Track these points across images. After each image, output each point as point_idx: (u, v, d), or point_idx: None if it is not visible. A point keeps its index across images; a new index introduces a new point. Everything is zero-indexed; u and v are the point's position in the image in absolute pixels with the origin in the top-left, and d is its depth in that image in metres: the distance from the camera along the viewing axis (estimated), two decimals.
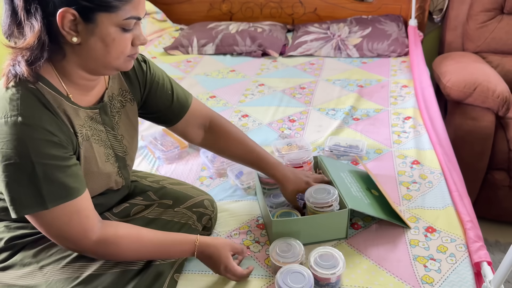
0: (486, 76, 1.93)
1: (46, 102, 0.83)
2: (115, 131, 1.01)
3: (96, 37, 0.81)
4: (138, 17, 0.84)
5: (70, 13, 0.77)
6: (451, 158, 1.47)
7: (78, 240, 0.88)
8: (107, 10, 0.79)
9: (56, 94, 0.86)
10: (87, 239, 0.88)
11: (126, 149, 1.05)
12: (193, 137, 1.20)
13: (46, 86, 0.84)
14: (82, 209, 0.87)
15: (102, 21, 0.80)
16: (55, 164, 0.82)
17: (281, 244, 1.07)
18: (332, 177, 1.22)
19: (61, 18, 0.77)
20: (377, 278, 1.03)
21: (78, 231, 0.87)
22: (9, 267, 0.95)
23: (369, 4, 2.70)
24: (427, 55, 2.43)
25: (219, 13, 2.86)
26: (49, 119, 0.83)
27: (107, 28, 0.81)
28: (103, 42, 0.82)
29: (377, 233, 1.16)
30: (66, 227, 0.86)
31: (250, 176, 1.37)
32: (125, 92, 1.05)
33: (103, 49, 0.83)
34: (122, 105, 1.04)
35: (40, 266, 0.94)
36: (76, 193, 0.85)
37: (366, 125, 1.70)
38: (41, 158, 0.80)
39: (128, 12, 0.81)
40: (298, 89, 2.03)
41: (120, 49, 0.85)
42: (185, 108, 1.14)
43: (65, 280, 0.92)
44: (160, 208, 1.12)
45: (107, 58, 0.85)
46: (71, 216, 0.85)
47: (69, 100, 0.88)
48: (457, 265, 1.06)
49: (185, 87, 2.06)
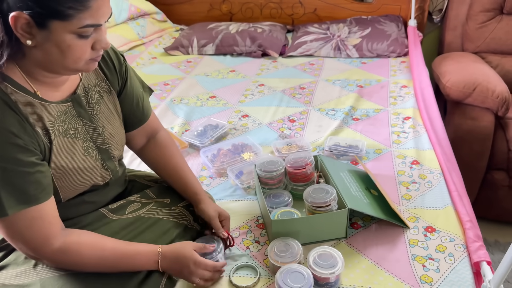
0: (485, 76, 1.93)
1: (10, 102, 0.82)
2: (94, 123, 0.99)
3: (51, 42, 0.79)
4: (97, 24, 0.81)
5: (23, 17, 0.76)
6: (450, 158, 1.47)
7: (39, 247, 0.87)
8: (60, 18, 0.77)
9: (21, 93, 0.84)
10: (47, 247, 0.87)
11: (108, 140, 1.02)
12: (134, 144, 1.18)
13: (10, 85, 0.83)
14: (44, 216, 0.86)
15: (55, 28, 0.78)
16: (17, 169, 0.81)
17: (279, 244, 1.07)
18: (332, 177, 1.22)
19: (14, 21, 0.76)
20: (376, 277, 1.03)
21: (39, 237, 0.86)
22: (3, 267, 0.96)
23: (368, 4, 2.71)
24: (427, 55, 2.44)
25: (219, 13, 2.86)
26: (14, 120, 0.81)
27: (61, 35, 0.79)
28: (58, 48, 0.80)
29: (376, 232, 1.17)
30: (27, 233, 0.84)
31: (250, 176, 1.37)
32: (102, 82, 1.02)
33: (59, 54, 0.81)
34: (100, 96, 1.01)
35: (33, 265, 0.94)
36: (36, 200, 0.84)
37: (365, 125, 1.71)
38: (3, 161, 0.79)
39: (85, 20, 0.79)
40: (298, 89, 2.04)
41: (77, 55, 0.82)
42: (145, 117, 1.14)
43: (59, 277, 0.92)
44: (157, 207, 1.10)
45: (64, 63, 0.83)
46: (32, 222, 0.84)
47: (36, 97, 0.87)
48: (456, 265, 1.06)
49: (185, 88, 2.10)
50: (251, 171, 1.38)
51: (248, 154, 1.49)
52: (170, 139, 1.21)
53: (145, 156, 1.20)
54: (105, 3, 0.81)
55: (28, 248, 0.87)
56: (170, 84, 2.16)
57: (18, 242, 0.87)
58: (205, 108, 1.90)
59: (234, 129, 1.72)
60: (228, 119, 1.80)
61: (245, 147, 1.54)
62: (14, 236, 0.86)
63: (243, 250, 1.13)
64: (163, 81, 2.18)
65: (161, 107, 1.91)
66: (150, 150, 1.18)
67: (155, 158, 1.18)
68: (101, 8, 0.80)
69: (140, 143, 1.18)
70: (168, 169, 1.17)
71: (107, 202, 1.08)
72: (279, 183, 1.31)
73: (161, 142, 1.19)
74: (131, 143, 1.17)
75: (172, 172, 1.16)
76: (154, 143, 1.19)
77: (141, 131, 1.15)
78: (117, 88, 1.06)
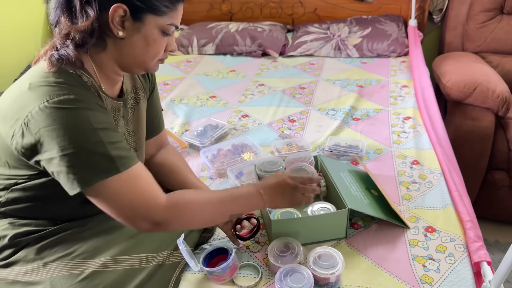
0: (486, 76, 1.93)
1: (86, 86, 0.88)
2: (128, 126, 1.05)
3: (140, 35, 0.87)
4: (177, 26, 0.92)
5: (122, 9, 0.83)
6: (451, 158, 1.47)
7: (149, 206, 0.86)
8: (155, 13, 0.86)
9: (90, 83, 0.90)
10: (157, 204, 0.87)
11: (137, 145, 1.08)
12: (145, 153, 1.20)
13: (85, 73, 0.89)
14: (144, 175, 0.89)
15: (149, 22, 0.87)
16: (114, 128, 0.87)
17: (280, 244, 1.07)
18: (332, 177, 1.22)
19: (113, 12, 0.83)
20: (376, 278, 1.03)
21: (147, 195, 0.86)
22: (12, 264, 0.96)
23: (369, 4, 2.70)
24: (427, 55, 2.44)
25: (219, 13, 2.86)
26: (93, 96, 0.89)
27: (152, 29, 0.88)
28: (145, 40, 0.88)
29: (376, 233, 1.17)
30: (135, 193, 0.85)
31: (250, 176, 1.37)
32: (138, 89, 1.10)
33: (143, 48, 0.89)
34: (136, 102, 1.09)
35: (43, 263, 0.94)
36: (136, 158, 0.88)
37: (366, 125, 1.71)
38: (101, 124, 0.84)
39: (172, 18, 0.89)
40: (298, 89, 2.04)
41: (157, 50, 0.91)
42: (160, 128, 1.23)
43: (69, 276, 0.92)
44: None
45: (144, 57, 0.91)
46: (137, 180, 0.86)
47: (101, 89, 0.93)
48: (456, 265, 1.06)
49: (185, 87, 2.10)
50: (251, 171, 1.37)
51: (248, 154, 1.49)
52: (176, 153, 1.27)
53: (157, 161, 1.22)
54: (182, 10, 0.92)
55: (138, 211, 0.86)
56: (170, 84, 2.16)
57: (127, 208, 0.85)
58: (205, 108, 1.90)
59: (234, 129, 1.72)
60: (228, 119, 1.80)
61: (245, 147, 1.54)
62: (123, 201, 0.85)
63: (244, 250, 1.13)
64: (163, 81, 2.18)
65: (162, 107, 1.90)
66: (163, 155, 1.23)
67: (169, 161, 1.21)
68: (181, 13, 0.92)
69: (151, 153, 1.23)
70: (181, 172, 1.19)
71: None
72: None
73: (172, 148, 1.28)
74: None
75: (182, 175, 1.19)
76: (167, 149, 1.25)
77: (154, 141, 1.22)
78: (147, 96, 1.15)
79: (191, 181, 1.17)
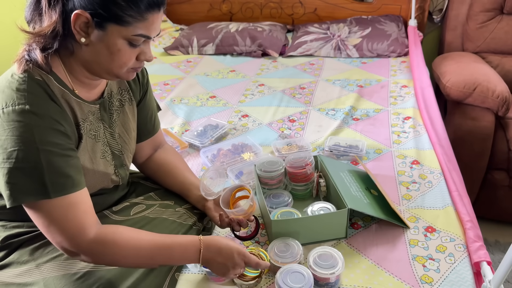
0: (485, 76, 1.93)
1: (51, 94, 0.86)
2: (112, 129, 1.03)
3: (103, 43, 0.84)
4: (148, 37, 0.87)
5: (84, 16, 0.81)
6: (450, 158, 1.47)
7: (74, 236, 0.85)
8: (118, 23, 0.82)
9: (62, 87, 0.88)
10: (83, 236, 0.85)
11: (122, 148, 1.06)
12: (141, 155, 1.21)
13: (53, 79, 0.87)
14: (82, 203, 0.87)
15: (111, 31, 0.83)
16: (60, 152, 0.83)
17: (280, 244, 1.07)
18: (332, 177, 1.22)
19: (75, 18, 0.81)
20: (376, 277, 1.03)
21: (75, 225, 0.85)
22: (6, 266, 0.96)
23: (369, 4, 2.70)
24: (427, 55, 2.44)
25: (219, 13, 2.86)
26: (55, 109, 0.85)
27: (115, 38, 0.84)
28: (108, 50, 0.85)
29: (376, 233, 1.17)
30: (64, 220, 0.84)
31: (250, 176, 1.37)
32: (124, 91, 1.07)
33: (107, 56, 0.86)
34: (121, 104, 1.07)
35: (37, 264, 0.94)
36: (78, 186, 0.86)
37: (366, 125, 1.71)
38: (46, 145, 0.81)
39: (139, 29, 0.84)
40: (298, 89, 2.04)
41: (123, 60, 0.87)
42: (155, 130, 1.21)
43: (62, 277, 0.92)
44: (161, 208, 1.12)
45: (110, 65, 0.88)
46: (70, 208, 0.84)
47: (74, 94, 0.91)
48: (456, 265, 1.06)
49: (185, 87, 2.10)
50: (251, 171, 1.37)
51: (248, 154, 1.49)
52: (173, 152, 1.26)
53: (155, 161, 1.21)
54: (159, 20, 0.88)
55: (64, 237, 0.85)
56: (170, 84, 2.16)
57: (54, 232, 0.85)
58: (205, 108, 1.90)
59: (234, 129, 1.72)
60: (228, 119, 1.80)
61: (245, 147, 1.54)
62: (51, 224, 0.84)
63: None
64: (163, 81, 2.18)
65: (161, 107, 1.90)
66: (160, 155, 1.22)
67: (167, 161, 1.21)
68: (155, 23, 0.87)
69: (147, 154, 1.22)
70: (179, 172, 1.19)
71: (110, 204, 1.09)
72: (279, 183, 1.30)
73: (170, 147, 1.26)
74: (138, 154, 1.20)
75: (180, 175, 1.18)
76: (164, 148, 1.24)
77: (149, 143, 1.21)
78: (137, 98, 1.12)
79: (190, 180, 1.17)
